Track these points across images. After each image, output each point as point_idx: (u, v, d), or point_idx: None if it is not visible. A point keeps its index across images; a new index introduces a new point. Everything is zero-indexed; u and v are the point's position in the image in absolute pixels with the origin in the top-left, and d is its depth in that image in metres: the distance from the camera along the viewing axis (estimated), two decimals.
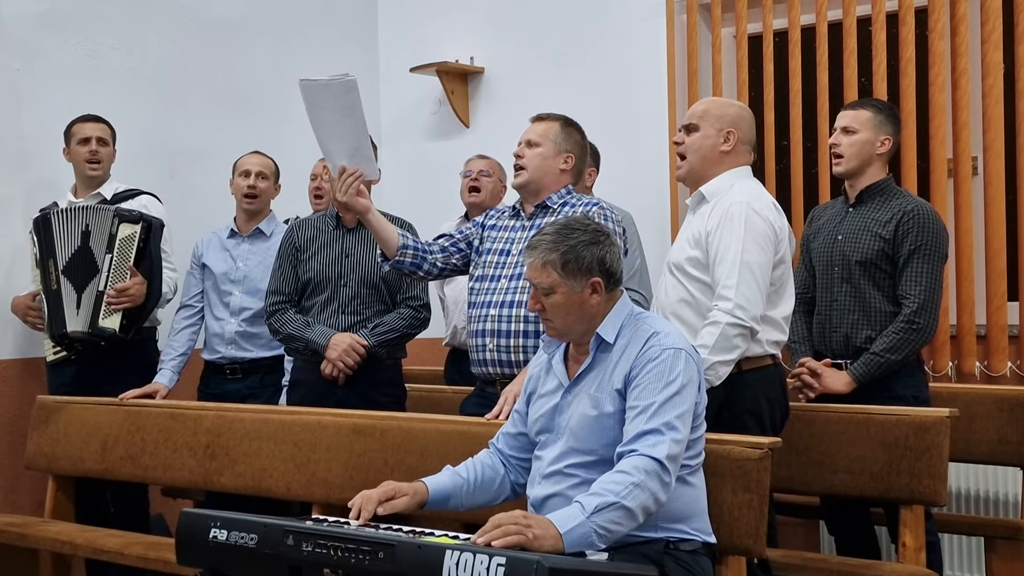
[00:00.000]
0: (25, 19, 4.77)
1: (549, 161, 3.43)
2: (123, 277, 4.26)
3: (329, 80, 3.33)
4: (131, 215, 4.31)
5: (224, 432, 3.84)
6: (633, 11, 5.34)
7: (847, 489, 3.42)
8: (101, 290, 4.26)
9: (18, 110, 4.75)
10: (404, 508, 2.66)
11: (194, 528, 2.54)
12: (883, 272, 3.69)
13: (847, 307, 3.74)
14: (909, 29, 4.59)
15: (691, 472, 2.67)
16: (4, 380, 4.69)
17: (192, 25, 5.34)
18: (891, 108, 3.89)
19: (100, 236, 4.30)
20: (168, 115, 5.20)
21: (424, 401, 4.33)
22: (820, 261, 3.84)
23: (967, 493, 4.38)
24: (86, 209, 4.34)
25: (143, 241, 4.29)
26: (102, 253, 4.28)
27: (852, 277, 3.73)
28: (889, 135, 3.77)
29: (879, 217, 3.70)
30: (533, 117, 3.52)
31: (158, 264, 4.36)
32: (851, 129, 3.77)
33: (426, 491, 2.73)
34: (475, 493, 2.82)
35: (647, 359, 2.61)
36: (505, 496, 2.87)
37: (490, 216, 3.60)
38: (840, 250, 3.76)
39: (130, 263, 4.26)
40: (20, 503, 4.66)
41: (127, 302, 4.24)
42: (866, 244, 3.70)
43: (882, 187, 3.77)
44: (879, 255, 3.67)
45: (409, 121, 6.11)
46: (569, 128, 3.48)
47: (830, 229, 3.84)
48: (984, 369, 4.46)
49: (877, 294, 3.69)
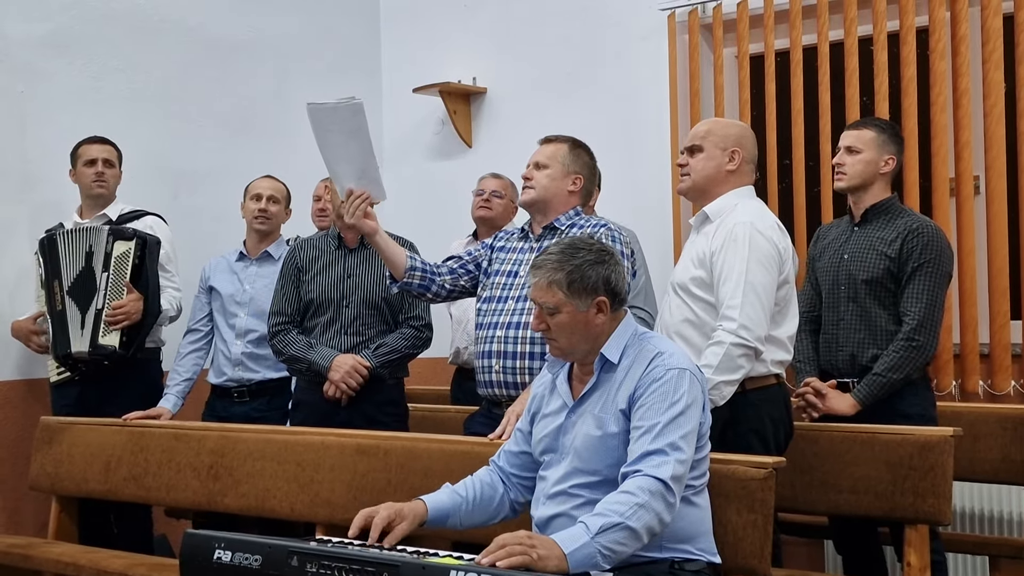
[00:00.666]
0: (29, 41, 4.79)
1: (558, 183, 3.43)
2: (120, 294, 4.27)
3: (336, 103, 3.35)
4: (125, 232, 4.32)
5: (227, 452, 3.84)
6: (635, 31, 5.36)
7: (851, 509, 3.41)
8: (99, 308, 4.27)
9: (22, 132, 4.77)
10: (405, 534, 2.63)
11: (198, 549, 2.54)
12: (888, 291, 3.69)
13: (853, 326, 3.74)
14: (910, 49, 4.61)
15: (696, 492, 2.67)
16: (7, 401, 4.69)
17: (196, 47, 5.37)
18: (894, 128, 3.90)
19: (99, 255, 4.31)
20: (172, 136, 5.22)
21: (429, 420, 4.33)
22: (826, 280, 3.85)
23: (971, 512, 4.37)
24: (88, 230, 4.36)
25: (138, 258, 4.30)
26: (99, 272, 4.30)
27: (858, 296, 3.72)
28: (892, 155, 3.78)
29: (884, 236, 3.70)
30: (541, 139, 3.53)
31: (155, 281, 4.36)
32: (855, 149, 3.77)
33: (425, 510, 2.72)
34: (474, 511, 2.81)
35: (651, 379, 2.61)
36: (504, 514, 2.87)
37: (499, 238, 3.61)
38: (846, 269, 3.76)
39: (126, 280, 4.27)
40: (24, 524, 4.66)
41: (124, 319, 4.24)
42: (872, 263, 3.70)
43: (887, 206, 3.77)
44: (885, 274, 3.67)
45: (412, 141, 6.13)
46: (577, 150, 3.49)
47: (836, 248, 3.84)
48: (987, 388, 4.45)
49: (883, 313, 3.69)
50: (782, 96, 4.93)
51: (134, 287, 4.28)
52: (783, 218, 3.90)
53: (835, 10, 4.80)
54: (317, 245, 4.11)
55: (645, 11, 5.28)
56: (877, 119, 4.05)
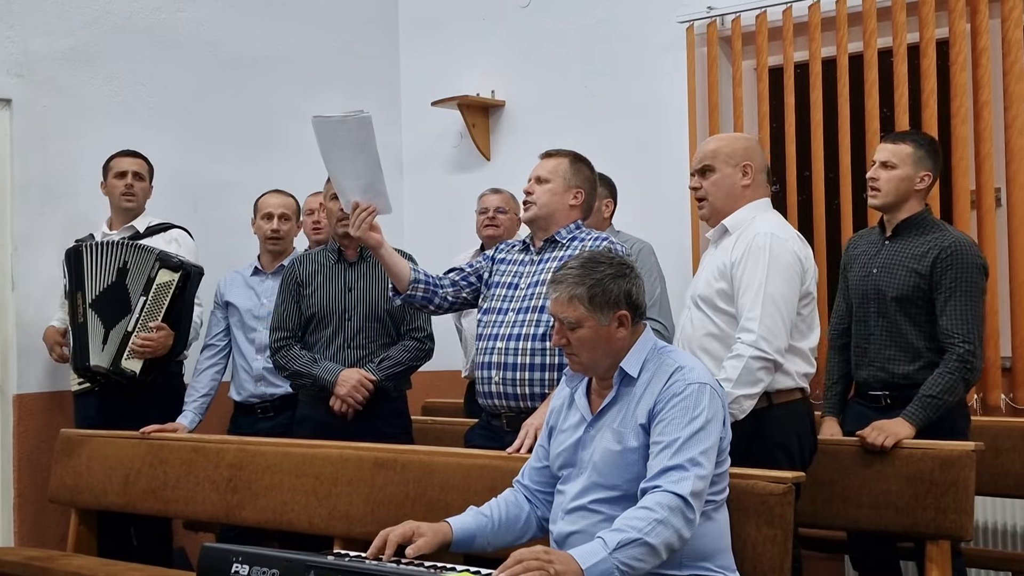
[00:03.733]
0: (52, 57, 4.83)
1: (559, 197, 3.44)
2: (155, 319, 4.26)
3: (344, 116, 3.35)
4: (172, 262, 4.31)
5: (246, 465, 3.85)
6: (653, 44, 5.36)
7: (872, 524, 3.38)
8: (130, 331, 4.27)
9: (45, 147, 4.81)
10: (426, 549, 2.61)
11: (216, 563, 2.54)
12: (919, 309, 3.59)
13: (883, 342, 3.66)
14: (930, 61, 4.59)
15: (715, 508, 2.66)
16: (28, 414, 4.71)
17: (216, 62, 5.40)
18: (932, 143, 3.77)
19: (138, 276, 4.30)
20: (192, 150, 5.25)
21: (447, 434, 4.32)
22: (855, 293, 3.77)
23: (994, 527, 4.33)
24: (124, 245, 4.35)
25: (179, 289, 4.30)
26: (137, 294, 4.29)
27: (887, 312, 3.64)
28: (929, 171, 3.67)
29: (915, 251, 3.61)
30: (542, 153, 3.53)
31: (188, 314, 4.38)
32: (890, 164, 3.66)
33: (450, 531, 2.69)
34: (500, 531, 2.78)
35: (671, 394, 2.60)
36: (532, 533, 2.84)
37: (500, 250, 3.62)
38: (875, 284, 3.69)
39: (163, 309, 4.26)
40: (44, 536, 4.67)
41: (150, 352, 4.26)
42: (902, 280, 3.61)
43: (919, 220, 3.67)
44: (915, 292, 3.58)
45: (431, 154, 6.15)
46: (578, 164, 3.49)
47: (865, 261, 3.76)
48: (1009, 402, 4.42)
49: (913, 329, 3.60)
50: (801, 108, 4.91)
51: (169, 316, 4.27)
52: (802, 230, 3.89)
53: (854, 22, 4.78)
54: (316, 259, 4.10)
55: (663, 24, 5.27)
56: (916, 133, 3.94)
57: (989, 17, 4.47)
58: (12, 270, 4.71)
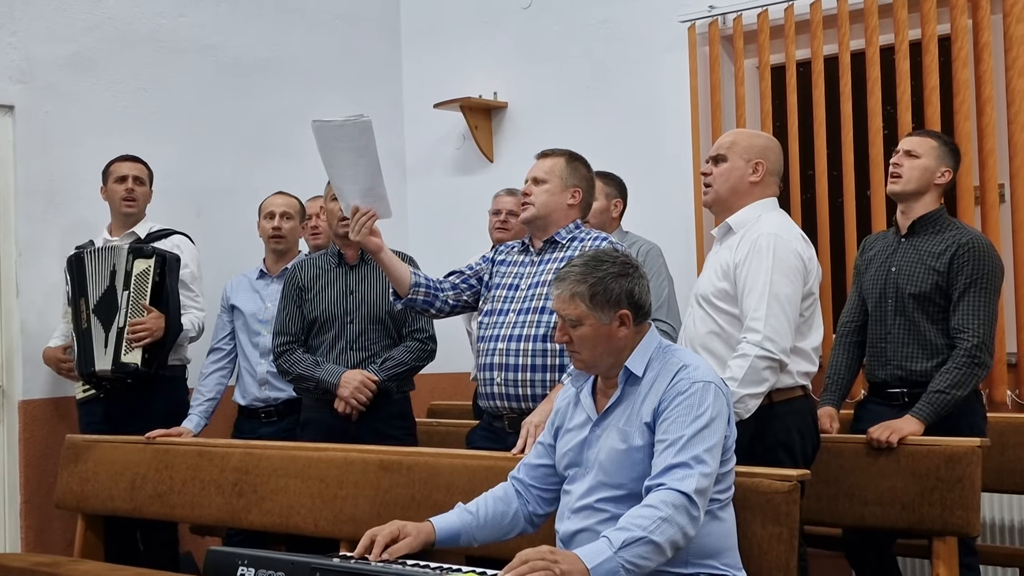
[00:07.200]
0: (54, 64, 4.84)
1: (556, 197, 3.44)
2: (140, 312, 4.29)
3: (344, 121, 3.34)
4: (144, 251, 4.35)
5: (252, 469, 3.85)
6: (655, 44, 5.36)
7: (878, 521, 3.38)
8: (121, 327, 4.30)
9: (47, 153, 4.81)
10: (408, 550, 2.62)
11: (222, 566, 2.54)
12: (937, 306, 3.60)
13: (901, 339, 3.66)
14: (933, 58, 4.58)
15: (721, 506, 2.65)
16: (34, 420, 4.72)
17: (218, 66, 5.41)
18: (953, 143, 3.82)
19: (120, 274, 4.34)
20: (195, 155, 5.26)
21: (453, 436, 4.32)
22: (872, 292, 3.77)
23: (1001, 523, 4.32)
24: (112, 249, 4.38)
25: (158, 275, 4.32)
26: (121, 290, 4.32)
27: (906, 309, 3.65)
28: (949, 168, 3.70)
29: (933, 249, 3.62)
30: (538, 154, 3.53)
31: (175, 298, 4.39)
32: (915, 153, 3.69)
33: (432, 531, 2.70)
34: (484, 528, 2.78)
35: (676, 392, 2.60)
36: (520, 529, 2.84)
37: (500, 251, 3.62)
38: (894, 282, 3.69)
39: (146, 298, 4.29)
40: (50, 542, 4.68)
41: (146, 335, 4.27)
42: (920, 277, 3.62)
43: (935, 218, 3.68)
44: (933, 289, 3.59)
45: (434, 156, 6.15)
46: (575, 163, 3.49)
47: (882, 260, 3.76)
48: (1015, 398, 4.41)
49: (931, 327, 3.61)
50: (804, 107, 4.91)
51: (155, 304, 4.30)
52: (806, 228, 3.88)
53: (856, 19, 4.78)
54: (317, 263, 4.11)
55: (665, 23, 5.27)
56: (938, 132, 3.98)
57: (991, 13, 4.47)
58: (17, 276, 4.72)
